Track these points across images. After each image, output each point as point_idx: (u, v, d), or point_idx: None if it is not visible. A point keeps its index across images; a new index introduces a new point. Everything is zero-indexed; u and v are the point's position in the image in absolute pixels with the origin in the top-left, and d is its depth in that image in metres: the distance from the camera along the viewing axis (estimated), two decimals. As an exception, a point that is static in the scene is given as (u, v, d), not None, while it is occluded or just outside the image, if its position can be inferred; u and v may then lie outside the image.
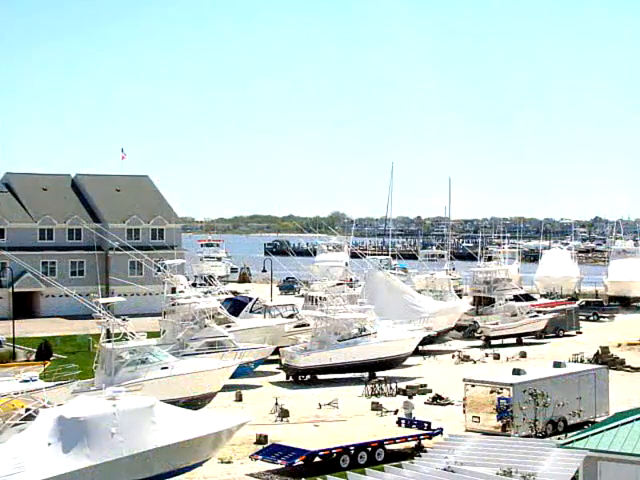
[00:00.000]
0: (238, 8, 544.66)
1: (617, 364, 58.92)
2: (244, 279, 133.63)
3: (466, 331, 74.96)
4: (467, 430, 40.82)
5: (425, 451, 32.94)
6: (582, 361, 56.77)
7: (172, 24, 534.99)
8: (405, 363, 59.61)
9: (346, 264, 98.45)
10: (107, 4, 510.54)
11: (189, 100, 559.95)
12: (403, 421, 41.05)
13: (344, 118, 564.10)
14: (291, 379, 55.75)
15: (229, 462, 36.52)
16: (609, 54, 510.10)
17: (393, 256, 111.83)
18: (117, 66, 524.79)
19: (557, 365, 44.30)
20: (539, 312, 77.36)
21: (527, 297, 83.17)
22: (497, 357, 64.86)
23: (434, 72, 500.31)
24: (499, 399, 40.52)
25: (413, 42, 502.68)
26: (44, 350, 59.13)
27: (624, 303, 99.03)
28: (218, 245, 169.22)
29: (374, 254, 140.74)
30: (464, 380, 42.83)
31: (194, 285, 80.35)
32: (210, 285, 70.92)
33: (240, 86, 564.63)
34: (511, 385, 40.43)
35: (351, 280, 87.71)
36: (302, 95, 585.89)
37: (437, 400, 48.60)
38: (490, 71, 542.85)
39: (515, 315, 74.77)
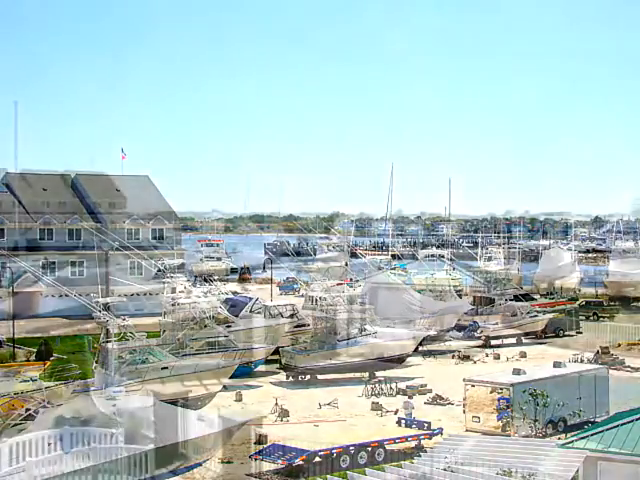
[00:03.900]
0: (236, 8, 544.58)
1: (617, 364, 58.94)
2: (244, 279, 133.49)
3: (466, 331, 74.92)
4: (467, 430, 40.83)
5: (425, 451, 32.95)
6: (582, 361, 56.73)
7: (171, 23, 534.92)
8: (405, 363, 59.63)
9: (346, 264, 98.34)
10: (106, 4, 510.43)
11: (189, 100, 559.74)
12: (403, 421, 41.05)
13: (344, 118, 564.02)
14: (291, 379, 55.77)
15: (229, 462, 36.51)
16: (608, 52, 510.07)
17: (393, 256, 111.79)
18: (117, 66, 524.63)
19: (557, 365, 44.30)
20: (539, 312, 77.36)
21: (527, 297, 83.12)
22: (497, 357, 64.87)
23: (435, 72, 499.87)
24: (499, 399, 40.51)
25: (413, 42, 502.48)
26: (44, 350, 59.12)
27: (624, 303, 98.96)
28: (218, 245, 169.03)
29: (374, 254, 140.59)
30: (464, 380, 42.83)
31: (194, 285, 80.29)
32: (210, 285, 70.85)
33: (239, 85, 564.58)
34: (511, 385, 40.43)
35: (351, 280, 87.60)
36: (302, 95, 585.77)
37: (437, 400, 48.60)
38: (491, 71, 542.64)
39: (515, 315, 74.76)
